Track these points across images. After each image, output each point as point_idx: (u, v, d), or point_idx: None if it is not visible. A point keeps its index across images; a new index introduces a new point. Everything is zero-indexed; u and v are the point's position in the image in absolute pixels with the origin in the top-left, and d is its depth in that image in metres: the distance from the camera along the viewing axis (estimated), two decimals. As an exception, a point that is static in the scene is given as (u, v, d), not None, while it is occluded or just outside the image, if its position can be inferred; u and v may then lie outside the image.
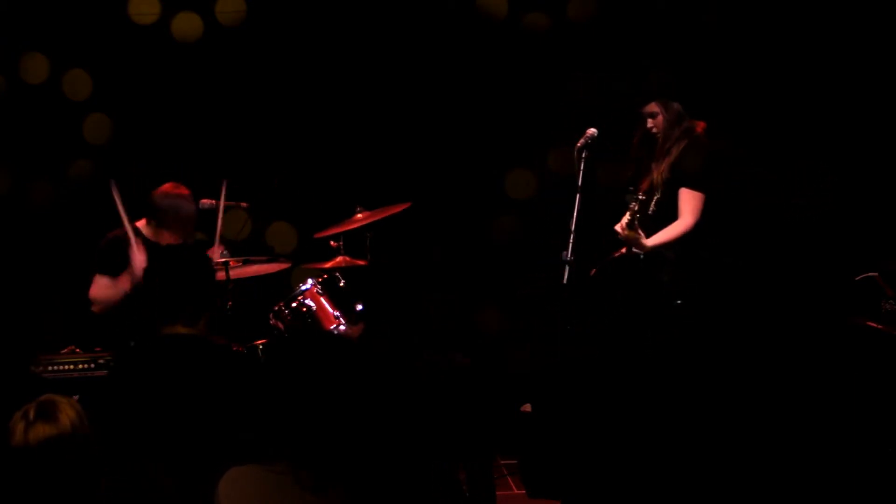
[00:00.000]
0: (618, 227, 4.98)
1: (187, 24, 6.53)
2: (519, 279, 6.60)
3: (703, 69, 6.15)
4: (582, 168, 5.00)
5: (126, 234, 5.30)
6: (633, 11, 6.50)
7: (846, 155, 6.21)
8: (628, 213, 4.92)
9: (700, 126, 5.17)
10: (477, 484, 5.16)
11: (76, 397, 4.45)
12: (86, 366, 5.21)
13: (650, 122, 5.20)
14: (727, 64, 6.20)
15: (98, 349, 5.31)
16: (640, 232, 4.95)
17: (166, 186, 5.45)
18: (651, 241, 5.01)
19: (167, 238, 5.43)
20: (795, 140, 6.25)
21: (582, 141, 5.07)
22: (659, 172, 5.14)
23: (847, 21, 6.19)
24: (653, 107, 5.19)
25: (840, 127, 6.23)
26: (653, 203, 5.13)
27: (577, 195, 4.92)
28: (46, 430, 3.05)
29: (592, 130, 5.07)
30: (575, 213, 4.88)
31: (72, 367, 5.20)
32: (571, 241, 4.85)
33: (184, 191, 5.43)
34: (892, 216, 6.01)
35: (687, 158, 5.08)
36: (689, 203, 5.03)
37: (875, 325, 5.05)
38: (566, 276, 4.82)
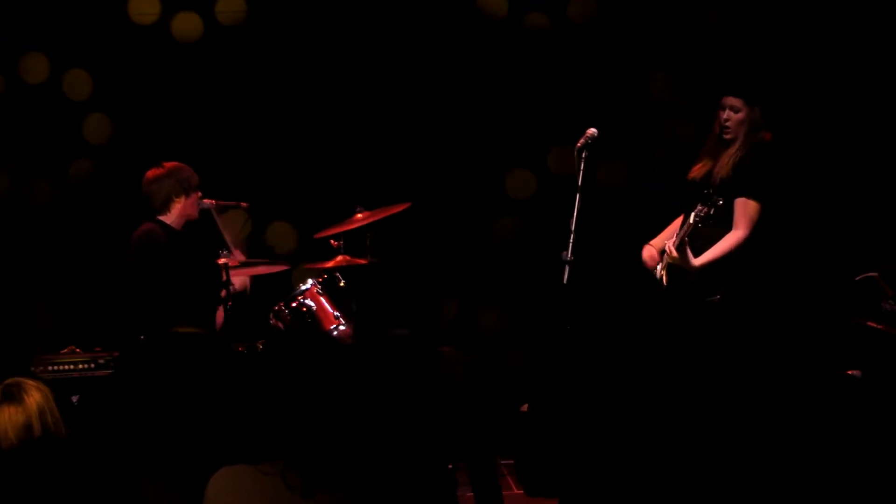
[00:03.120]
0: (668, 247, 4.88)
1: (187, 24, 6.53)
2: (519, 279, 6.60)
3: (703, 69, 6.16)
4: (582, 168, 4.98)
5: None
6: (633, 11, 6.50)
7: (846, 155, 6.20)
8: (677, 237, 4.81)
9: (767, 136, 5.09)
10: (482, 485, 5.15)
11: (76, 397, 4.48)
12: (86, 366, 5.22)
13: (726, 115, 5.03)
14: (727, 63, 6.19)
15: (98, 349, 5.32)
16: (688, 251, 4.87)
17: (166, 164, 5.50)
18: (700, 261, 4.90)
19: (192, 208, 5.52)
20: (795, 139, 6.25)
21: (582, 141, 5.05)
22: (718, 173, 5.05)
23: (847, 20, 6.19)
24: (738, 102, 5.04)
25: (840, 127, 6.22)
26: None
27: (577, 195, 4.91)
28: (12, 413, 3.02)
29: (592, 130, 5.05)
30: (575, 213, 4.87)
31: (72, 367, 5.21)
32: (571, 241, 4.84)
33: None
34: (892, 216, 6.01)
35: (752, 165, 4.99)
36: (746, 214, 4.94)
37: (875, 325, 5.05)
38: (566, 276, 4.82)
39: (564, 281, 4.81)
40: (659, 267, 5.13)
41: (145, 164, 5.64)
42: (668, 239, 5.14)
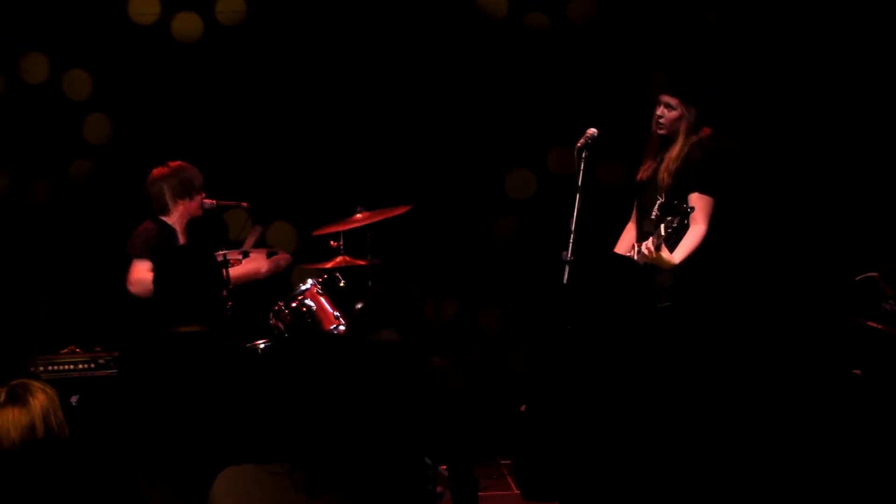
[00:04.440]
0: (644, 249, 4.89)
1: (187, 24, 6.53)
2: (519, 279, 6.60)
3: (703, 68, 6.15)
4: (582, 168, 4.98)
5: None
6: (633, 11, 6.50)
7: (846, 155, 6.20)
8: (656, 238, 4.84)
9: (705, 131, 5.12)
10: (460, 484, 5.17)
11: (76, 397, 4.47)
12: (86, 366, 5.22)
13: (661, 111, 5.08)
14: (727, 63, 6.20)
15: (98, 349, 5.32)
16: (665, 249, 4.88)
17: (171, 164, 5.50)
18: (678, 257, 4.92)
19: (195, 209, 5.52)
20: (795, 139, 6.25)
21: (582, 141, 5.05)
22: (664, 175, 5.09)
23: (847, 20, 6.19)
24: (673, 101, 5.07)
25: (840, 127, 6.22)
26: (656, 207, 5.09)
27: (577, 195, 4.90)
28: (16, 414, 3.03)
29: (592, 130, 5.05)
30: (575, 213, 4.87)
31: (72, 367, 5.21)
32: (571, 241, 4.84)
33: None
34: (892, 216, 6.01)
35: (695, 162, 5.02)
36: (701, 209, 4.96)
37: (875, 325, 5.05)
38: (566, 276, 4.81)
39: (564, 281, 4.81)
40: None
41: (145, 164, 5.64)
42: (627, 248, 5.23)
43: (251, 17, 6.57)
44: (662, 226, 4.78)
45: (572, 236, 4.85)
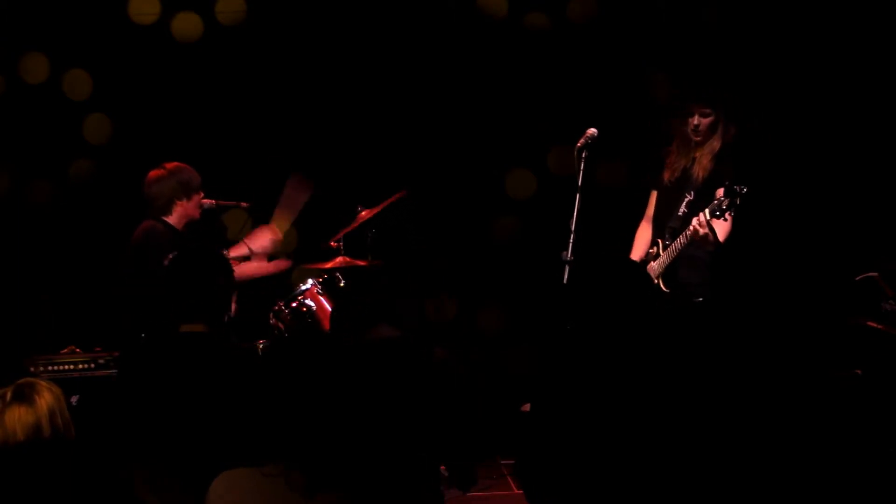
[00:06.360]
0: (696, 223, 4.85)
1: (187, 24, 6.53)
2: (519, 279, 6.60)
3: (703, 68, 6.16)
4: (582, 168, 4.99)
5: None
6: (633, 11, 6.50)
7: (846, 155, 6.20)
8: (714, 208, 4.82)
9: (733, 129, 5.14)
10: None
11: (76, 397, 4.47)
12: (86, 366, 5.22)
13: (696, 120, 5.10)
14: (726, 63, 6.20)
15: (98, 349, 5.32)
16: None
17: (168, 166, 5.49)
18: (721, 240, 4.91)
19: (193, 209, 5.51)
20: (795, 139, 6.25)
21: (582, 141, 5.06)
22: (699, 172, 5.10)
23: (847, 20, 6.19)
24: (707, 108, 5.10)
25: (840, 127, 6.22)
26: (683, 204, 5.10)
27: (577, 195, 4.91)
28: (22, 413, 3.03)
29: (592, 130, 5.06)
30: (575, 213, 4.88)
31: (72, 367, 5.21)
32: (571, 241, 4.84)
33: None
34: (892, 216, 6.01)
35: (728, 161, 5.06)
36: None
37: (875, 325, 5.05)
38: (566, 276, 4.82)
39: (564, 281, 4.81)
40: (657, 264, 5.13)
41: (145, 164, 5.63)
42: (644, 249, 5.25)
43: (251, 17, 6.57)
44: (708, 210, 4.77)
45: (572, 236, 4.85)
